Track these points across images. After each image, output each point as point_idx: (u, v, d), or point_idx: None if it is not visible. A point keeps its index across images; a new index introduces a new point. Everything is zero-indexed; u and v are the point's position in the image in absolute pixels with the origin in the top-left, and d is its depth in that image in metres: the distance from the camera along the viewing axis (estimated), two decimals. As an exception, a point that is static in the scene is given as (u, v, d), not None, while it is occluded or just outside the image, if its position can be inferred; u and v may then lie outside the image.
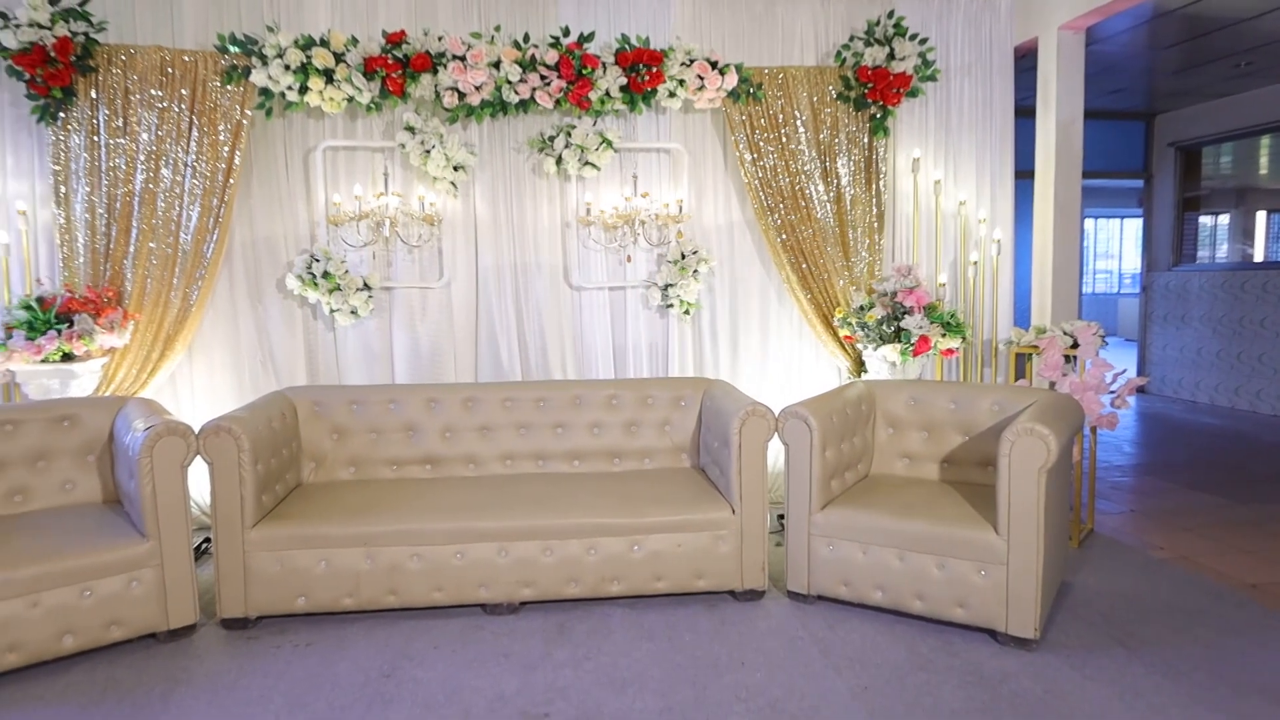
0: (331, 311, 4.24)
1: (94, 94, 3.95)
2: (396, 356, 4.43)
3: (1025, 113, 4.93)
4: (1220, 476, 5.32)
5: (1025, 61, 4.92)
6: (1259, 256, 7.96)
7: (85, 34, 3.87)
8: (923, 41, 4.49)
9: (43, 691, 2.73)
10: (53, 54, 3.77)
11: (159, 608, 3.02)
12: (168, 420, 3.08)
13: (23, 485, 3.33)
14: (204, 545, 3.89)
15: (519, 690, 2.71)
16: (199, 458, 3.11)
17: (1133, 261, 15.50)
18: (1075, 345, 4.10)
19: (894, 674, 2.79)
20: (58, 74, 3.81)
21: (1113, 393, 3.98)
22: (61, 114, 3.94)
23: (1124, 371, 3.99)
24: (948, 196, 4.70)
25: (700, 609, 3.31)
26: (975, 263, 4.67)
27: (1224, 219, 8.27)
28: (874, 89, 4.41)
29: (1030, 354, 4.35)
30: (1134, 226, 15.17)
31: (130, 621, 2.97)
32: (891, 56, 4.41)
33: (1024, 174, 4.96)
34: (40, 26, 3.76)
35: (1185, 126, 8.13)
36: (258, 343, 4.35)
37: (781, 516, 3.77)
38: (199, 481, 3.69)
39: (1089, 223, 15.25)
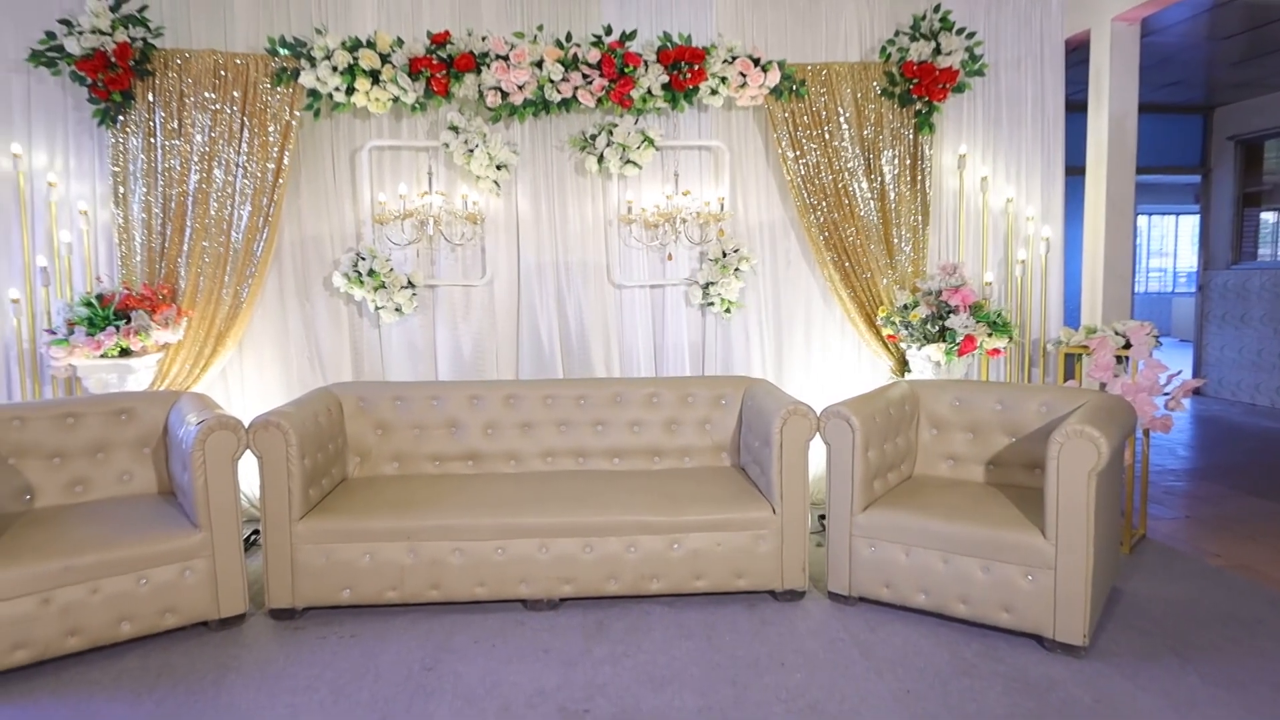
0: (376, 309, 4.31)
1: (151, 97, 4.05)
2: (439, 353, 4.48)
3: (1075, 107, 4.81)
4: (1281, 482, 5.15)
5: (1076, 54, 4.80)
6: (1324, 254, 7.69)
7: (143, 39, 3.98)
8: (970, 35, 4.40)
9: (99, 676, 2.82)
10: (113, 59, 3.89)
11: (210, 597, 3.10)
12: (219, 415, 3.16)
13: (84, 476, 3.44)
14: (253, 537, 3.97)
15: (559, 686, 2.73)
16: (249, 452, 3.19)
17: (1188, 259, 15.06)
18: (1127, 346, 3.99)
19: (937, 678, 2.75)
20: (117, 78, 3.92)
21: (1167, 394, 3.86)
22: (121, 117, 4.06)
23: (1179, 373, 3.87)
24: (995, 193, 4.61)
25: (740, 608, 3.30)
26: (1023, 261, 4.58)
27: (1287, 215, 7.99)
28: (919, 84, 4.34)
29: (1080, 354, 4.25)
30: (1189, 223, 14.73)
31: (183, 609, 3.06)
32: (938, 51, 4.34)
33: (1074, 170, 4.85)
34: (101, 33, 3.88)
35: (1246, 119, 7.87)
36: (305, 339, 4.43)
37: (822, 517, 3.74)
38: (248, 475, 3.77)
39: (1142, 220, 14.83)
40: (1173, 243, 15.63)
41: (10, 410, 3.37)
